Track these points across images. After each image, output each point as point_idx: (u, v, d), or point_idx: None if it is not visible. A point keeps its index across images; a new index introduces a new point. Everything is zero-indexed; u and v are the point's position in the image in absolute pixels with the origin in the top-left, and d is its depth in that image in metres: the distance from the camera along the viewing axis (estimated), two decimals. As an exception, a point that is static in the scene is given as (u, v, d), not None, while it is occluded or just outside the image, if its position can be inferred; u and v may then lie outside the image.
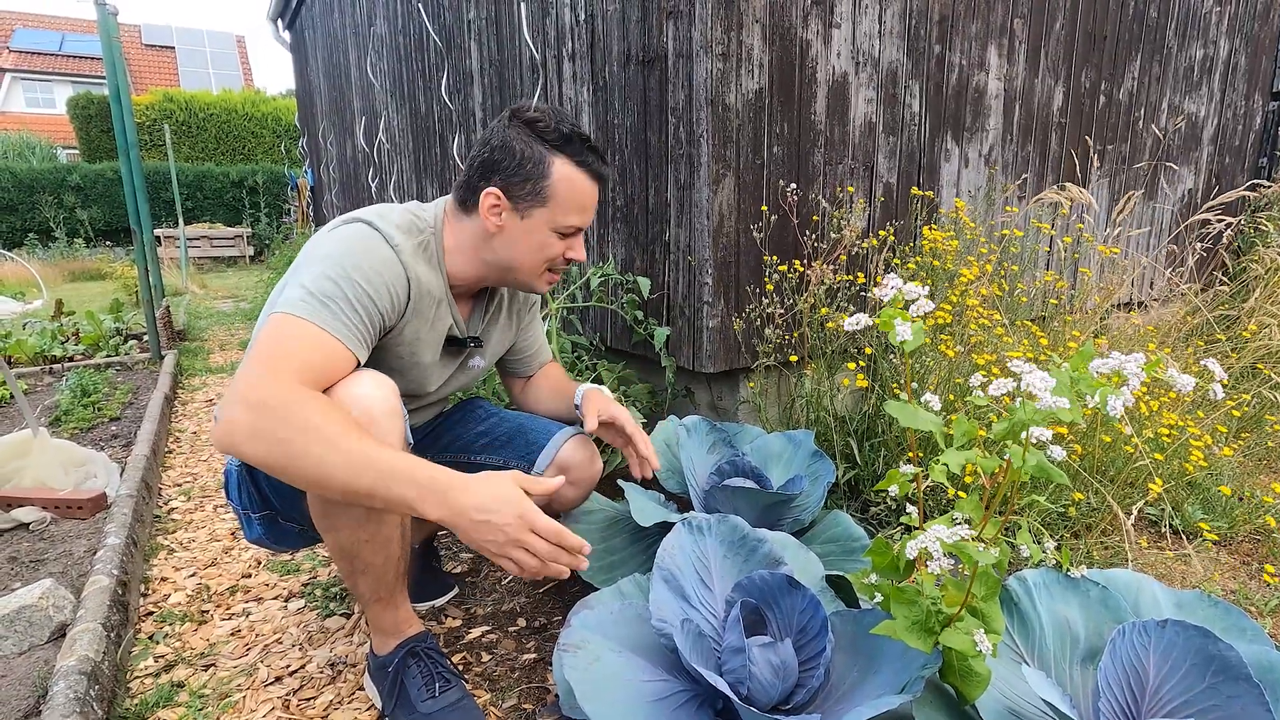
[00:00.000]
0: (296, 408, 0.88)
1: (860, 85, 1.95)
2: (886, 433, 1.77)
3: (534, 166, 1.11)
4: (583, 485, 1.37)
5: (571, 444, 1.35)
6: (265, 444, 0.87)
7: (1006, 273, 2.10)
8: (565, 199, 1.13)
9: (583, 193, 1.15)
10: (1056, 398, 0.74)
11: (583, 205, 1.16)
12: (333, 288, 1.00)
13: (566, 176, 1.12)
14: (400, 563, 1.14)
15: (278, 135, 14.61)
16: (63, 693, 1.09)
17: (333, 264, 1.01)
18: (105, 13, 3.50)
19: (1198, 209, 3.11)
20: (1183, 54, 2.86)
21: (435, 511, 0.88)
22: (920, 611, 0.87)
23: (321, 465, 0.87)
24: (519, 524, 0.88)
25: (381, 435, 0.98)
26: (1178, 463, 1.69)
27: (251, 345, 1.00)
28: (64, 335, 3.97)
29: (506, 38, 2.60)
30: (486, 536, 0.88)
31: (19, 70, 21.27)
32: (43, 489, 1.91)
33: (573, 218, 1.15)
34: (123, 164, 3.80)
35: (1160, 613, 1.04)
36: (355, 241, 1.05)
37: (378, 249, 1.06)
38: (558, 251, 1.18)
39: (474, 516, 0.88)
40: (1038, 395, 0.75)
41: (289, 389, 0.90)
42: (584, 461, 1.35)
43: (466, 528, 0.88)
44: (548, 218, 1.14)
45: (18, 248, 10.22)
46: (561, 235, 1.16)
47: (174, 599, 1.58)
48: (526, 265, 1.18)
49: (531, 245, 1.15)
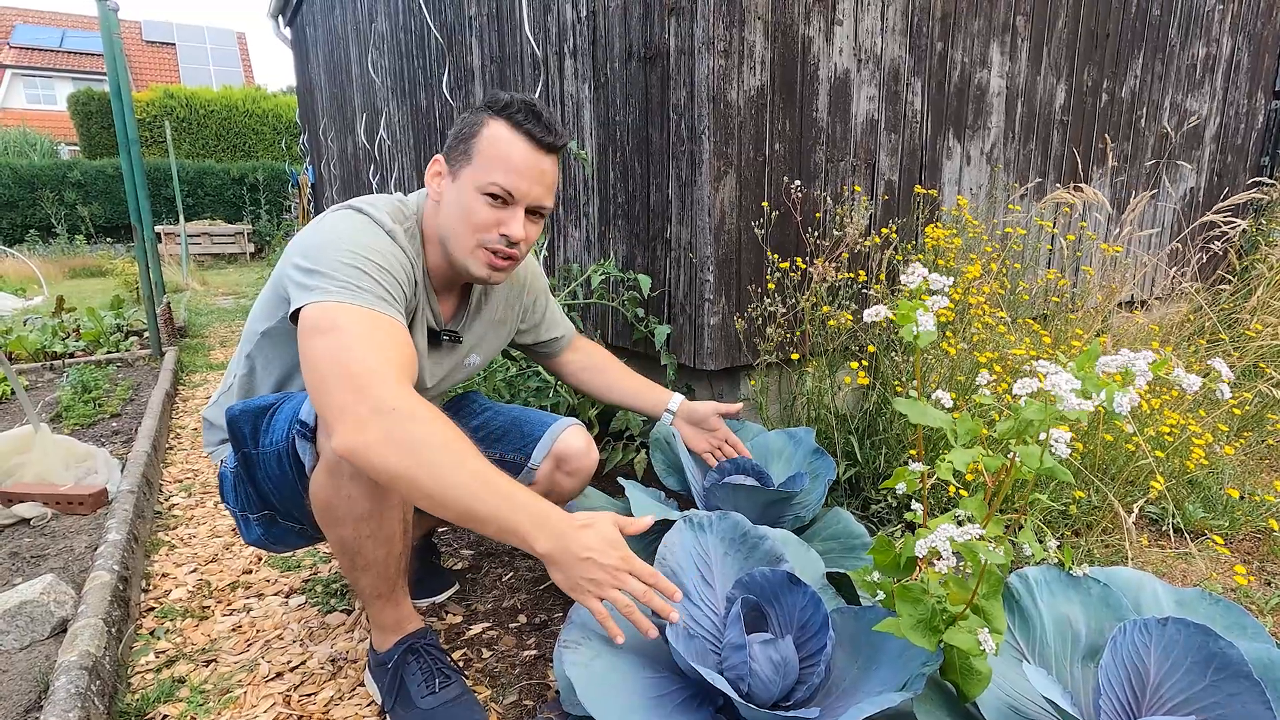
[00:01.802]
0: (424, 419, 0.87)
1: (862, 82, 1.95)
2: (888, 431, 1.77)
3: (469, 128, 1.09)
4: (580, 475, 1.37)
5: (568, 434, 1.35)
6: (397, 452, 0.86)
7: (1009, 270, 2.09)
8: (489, 154, 1.07)
9: (510, 150, 1.06)
10: (1081, 399, 0.74)
11: (509, 162, 1.06)
12: (356, 272, 0.97)
13: (494, 133, 1.07)
14: (401, 559, 1.13)
15: (278, 132, 14.60)
16: (64, 688, 1.09)
17: (343, 250, 0.99)
18: (106, 9, 3.49)
19: (1200, 207, 3.10)
20: (1185, 52, 2.85)
21: (545, 545, 0.88)
22: (926, 609, 0.86)
23: (447, 482, 0.86)
24: (621, 564, 0.89)
25: None
26: (1179, 461, 1.69)
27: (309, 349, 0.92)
28: (65, 332, 3.97)
29: (508, 34, 2.59)
30: (589, 575, 0.89)
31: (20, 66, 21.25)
32: (44, 484, 1.91)
33: (496, 175, 1.06)
34: (123, 160, 3.80)
35: (1161, 610, 1.04)
36: (356, 226, 1.05)
37: (377, 236, 1.06)
38: (486, 220, 1.08)
39: (580, 555, 0.88)
40: (1062, 396, 0.74)
41: (407, 394, 0.89)
42: (580, 452, 1.35)
43: (570, 564, 0.89)
44: (471, 176, 1.07)
45: (19, 244, 10.21)
46: (491, 201, 1.07)
47: (175, 594, 1.58)
48: (456, 236, 1.10)
49: (460, 211, 1.09)
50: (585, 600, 0.90)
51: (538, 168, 1.09)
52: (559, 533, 0.89)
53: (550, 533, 0.89)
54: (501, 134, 1.07)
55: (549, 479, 1.35)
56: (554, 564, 0.90)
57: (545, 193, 1.11)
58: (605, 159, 2.14)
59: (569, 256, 2.44)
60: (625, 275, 2.04)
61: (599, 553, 0.89)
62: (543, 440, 1.34)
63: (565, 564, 0.89)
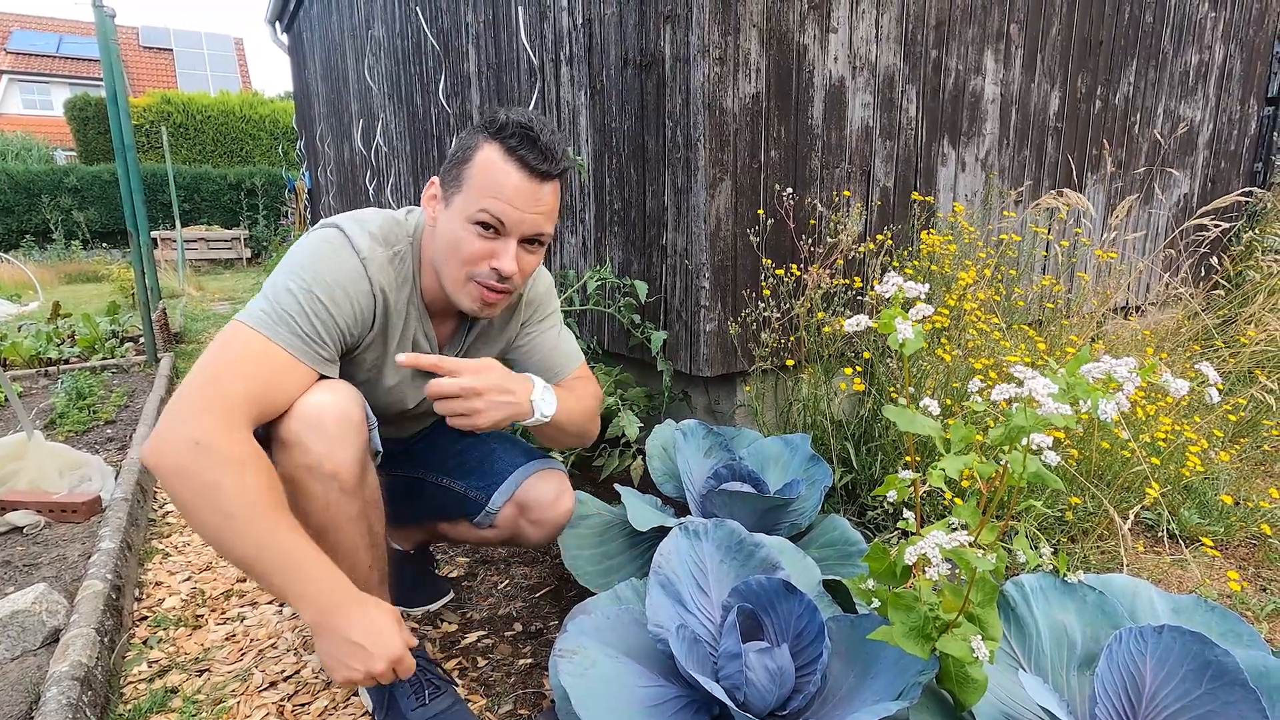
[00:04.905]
0: (228, 455, 0.88)
1: (857, 89, 1.96)
2: (884, 437, 1.77)
3: (464, 151, 1.05)
4: (546, 527, 1.27)
5: (535, 480, 1.26)
6: (188, 487, 0.87)
7: (1004, 277, 2.10)
8: (479, 181, 1.02)
9: (500, 177, 1.01)
10: (1059, 403, 0.74)
11: (500, 191, 1.01)
12: (292, 301, 0.98)
13: (487, 158, 1.02)
14: (371, 571, 1.11)
15: (275, 137, 14.60)
16: (55, 698, 1.09)
17: (296, 274, 1.00)
18: (103, 14, 3.50)
19: (1193, 213, 3.11)
20: (1178, 59, 2.87)
21: (308, 617, 0.91)
22: (918, 617, 0.86)
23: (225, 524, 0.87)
24: (386, 668, 0.90)
25: (329, 442, 0.99)
26: (1174, 467, 1.69)
27: (208, 350, 0.97)
28: (60, 338, 3.95)
29: (504, 41, 2.60)
30: (350, 662, 0.90)
31: (16, 72, 21.23)
32: (37, 492, 1.90)
33: (486, 202, 1.01)
34: (119, 166, 3.80)
35: (1157, 618, 1.04)
36: (324, 250, 1.03)
37: (345, 260, 1.03)
38: (476, 252, 1.03)
39: (351, 638, 0.90)
40: (1040, 400, 0.74)
41: (227, 430, 0.89)
42: (545, 502, 1.25)
43: (332, 647, 0.90)
44: (462, 205, 1.03)
45: (14, 249, 10.19)
46: (483, 231, 1.03)
47: (168, 603, 1.57)
48: (446, 267, 1.07)
49: (451, 240, 1.05)
50: (333, 676, 0.92)
51: (532, 196, 1.03)
52: (327, 616, 0.90)
53: (317, 613, 0.90)
54: (494, 160, 1.02)
55: (512, 525, 1.28)
56: (315, 635, 0.92)
57: (543, 220, 1.06)
58: (601, 165, 2.14)
59: (565, 262, 2.44)
60: (621, 281, 2.04)
61: (368, 649, 0.90)
62: (505, 484, 1.26)
63: (326, 643, 0.91)
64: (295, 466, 0.99)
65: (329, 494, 1.01)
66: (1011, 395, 0.81)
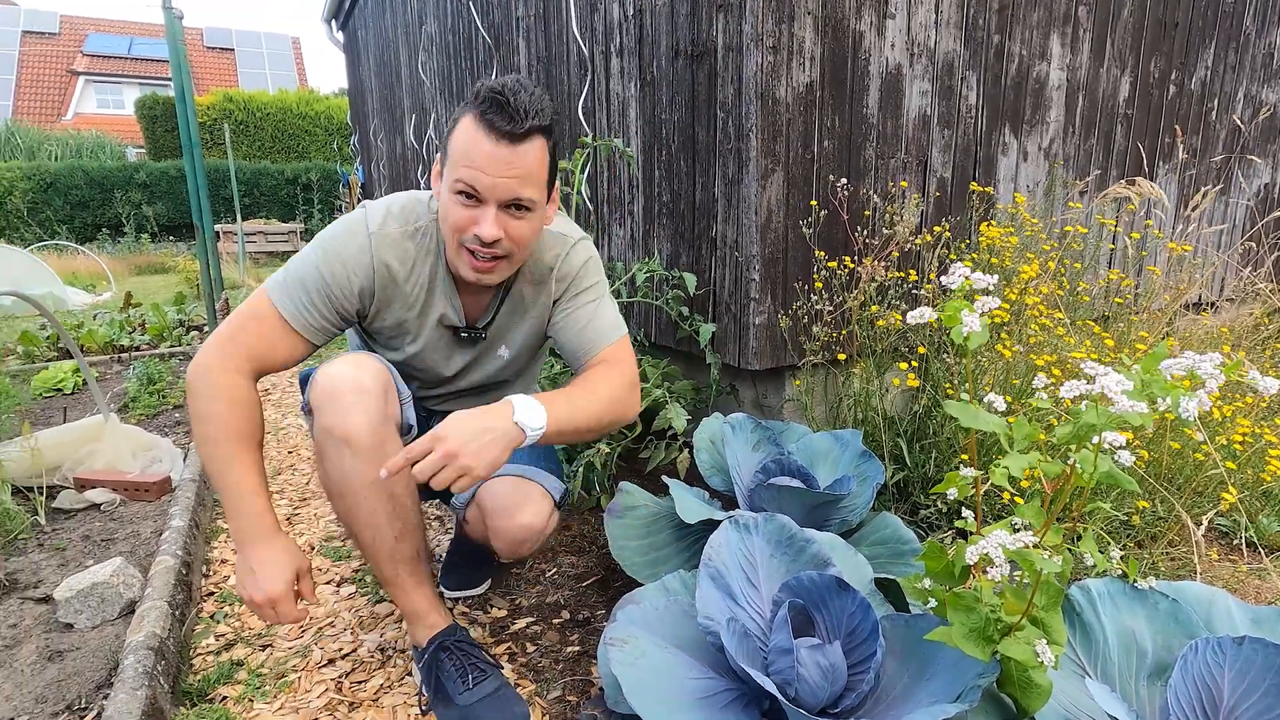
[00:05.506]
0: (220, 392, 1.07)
1: (915, 77, 1.90)
2: (938, 434, 1.73)
3: (452, 124, 1.08)
4: (503, 537, 1.19)
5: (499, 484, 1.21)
6: (191, 399, 1.09)
7: (1068, 270, 2.02)
8: (456, 150, 1.04)
9: (472, 145, 1.02)
10: (1134, 401, 0.71)
11: (470, 158, 1.02)
12: (302, 273, 1.12)
13: (463, 127, 1.04)
14: (398, 549, 1.14)
15: (330, 133, 15.02)
16: (132, 666, 1.15)
17: (311, 248, 1.14)
18: (172, 16, 3.65)
19: (1276, 204, 2.94)
20: (1261, 40, 2.70)
21: (234, 539, 1.10)
22: (979, 619, 0.84)
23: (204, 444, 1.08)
24: (264, 599, 1.05)
25: (344, 410, 1.07)
26: (1252, 471, 1.60)
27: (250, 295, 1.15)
28: (131, 326, 4.15)
29: (555, 34, 2.61)
30: (244, 583, 1.06)
31: (92, 73, 22.33)
32: (113, 471, 2.00)
33: (460, 170, 1.03)
34: (186, 162, 3.96)
35: (1235, 628, 0.99)
36: (338, 228, 1.14)
37: (355, 237, 1.13)
38: (460, 220, 1.06)
39: (250, 566, 1.06)
40: (1113, 398, 0.71)
41: (226, 372, 1.08)
42: (501, 508, 1.19)
43: (240, 568, 1.08)
44: (448, 176, 1.07)
45: (89, 242, 10.74)
46: (464, 200, 1.05)
47: (233, 580, 1.64)
48: (445, 238, 1.12)
49: (443, 211, 1.10)
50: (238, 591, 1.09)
51: (503, 160, 1.02)
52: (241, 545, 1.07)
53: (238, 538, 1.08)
54: (469, 129, 1.03)
55: (480, 528, 1.26)
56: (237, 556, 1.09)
57: (516, 184, 1.04)
58: (651, 157, 2.14)
59: (613, 255, 2.44)
60: (670, 274, 2.03)
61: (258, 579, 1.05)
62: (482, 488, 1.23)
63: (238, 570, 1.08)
64: (319, 429, 1.10)
65: (342, 458, 1.09)
66: (1081, 392, 0.78)
